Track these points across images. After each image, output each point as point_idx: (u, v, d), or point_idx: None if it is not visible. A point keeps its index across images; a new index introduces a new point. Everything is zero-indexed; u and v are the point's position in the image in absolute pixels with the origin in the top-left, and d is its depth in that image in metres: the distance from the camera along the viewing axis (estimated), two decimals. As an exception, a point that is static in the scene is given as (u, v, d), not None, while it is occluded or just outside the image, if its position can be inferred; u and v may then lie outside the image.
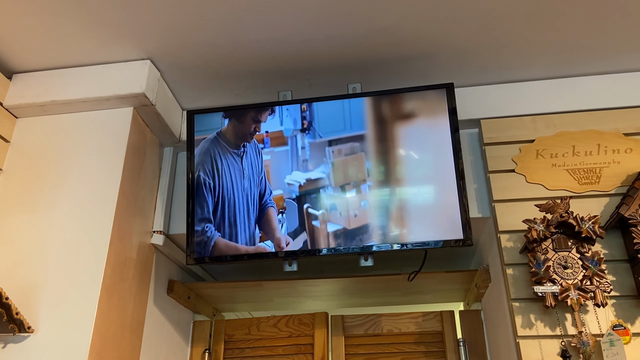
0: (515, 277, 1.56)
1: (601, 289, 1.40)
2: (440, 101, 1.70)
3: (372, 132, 1.70)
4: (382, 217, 1.63)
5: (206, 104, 1.96)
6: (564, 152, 1.70)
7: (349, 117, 1.73)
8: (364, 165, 1.68)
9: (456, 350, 1.95)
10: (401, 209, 1.63)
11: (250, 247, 1.66)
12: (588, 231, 1.44)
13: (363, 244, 1.62)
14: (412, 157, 1.67)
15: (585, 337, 1.37)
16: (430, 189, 1.64)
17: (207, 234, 1.68)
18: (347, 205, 1.66)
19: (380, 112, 1.72)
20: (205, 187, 1.72)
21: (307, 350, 1.99)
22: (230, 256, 1.65)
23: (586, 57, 1.74)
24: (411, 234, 1.61)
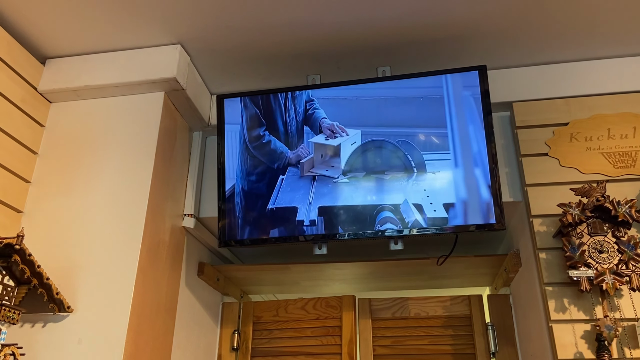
0: (548, 262, 1.54)
1: (637, 273, 1.39)
2: (472, 84, 1.68)
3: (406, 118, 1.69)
4: (415, 201, 1.63)
5: (235, 89, 1.97)
6: (598, 135, 1.67)
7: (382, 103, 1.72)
8: (397, 151, 1.67)
9: (484, 334, 1.94)
10: (433, 193, 1.62)
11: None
12: (625, 215, 1.42)
13: (395, 227, 1.62)
14: (445, 141, 1.66)
15: (610, 322, 1.36)
16: (462, 173, 1.63)
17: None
18: (379, 188, 1.66)
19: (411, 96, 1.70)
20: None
21: (335, 333, 2.01)
22: (257, 239, 1.66)
23: (621, 38, 1.70)
24: (443, 218, 1.61)
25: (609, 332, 1.35)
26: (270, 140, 1.76)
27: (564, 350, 1.43)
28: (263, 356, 2.05)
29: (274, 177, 1.72)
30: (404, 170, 1.66)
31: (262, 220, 1.69)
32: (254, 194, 1.71)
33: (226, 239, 1.68)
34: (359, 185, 1.67)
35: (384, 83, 1.73)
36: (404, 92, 1.71)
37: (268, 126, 1.77)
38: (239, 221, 1.70)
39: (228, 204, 1.72)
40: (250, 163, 1.75)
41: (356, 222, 1.63)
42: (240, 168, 1.75)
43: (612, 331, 1.36)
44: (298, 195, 1.68)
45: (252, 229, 1.69)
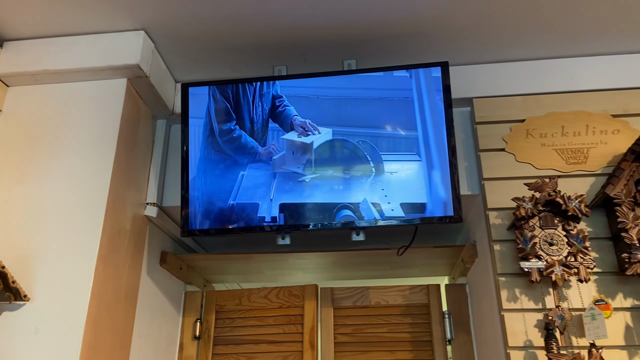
0: (502, 253, 1.61)
1: (585, 265, 1.46)
2: (434, 79, 1.72)
3: (366, 110, 1.72)
4: (374, 193, 1.66)
5: (201, 77, 1.95)
6: (553, 132, 1.74)
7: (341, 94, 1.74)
8: (357, 142, 1.70)
9: (441, 322, 2.01)
10: (393, 185, 1.66)
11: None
12: (574, 210, 1.49)
13: (355, 218, 1.66)
14: (405, 134, 1.69)
15: (561, 311, 1.43)
16: (422, 166, 1.67)
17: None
18: (339, 181, 1.69)
19: (374, 89, 1.73)
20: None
21: (297, 321, 2.04)
22: (222, 229, 1.67)
23: (577, 39, 1.76)
24: (402, 210, 1.65)
25: (561, 322, 1.42)
26: (240, 135, 1.76)
27: (514, 338, 1.50)
28: (225, 344, 2.06)
29: (236, 172, 1.72)
30: (363, 165, 1.69)
31: (224, 212, 1.69)
32: (216, 186, 1.72)
33: (189, 228, 1.68)
34: (319, 184, 1.69)
35: (351, 81, 1.75)
36: (369, 92, 1.74)
37: (237, 119, 1.77)
38: (201, 211, 1.70)
39: (191, 193, 1.72)
40: (214, 155, 1.75)
41: (316, 219, 1.66)
42: (204, 159, 1.75)
43: (563, 320, 1.43)
44: (259, 192, 1.69)
45: (213, 220, 1.69)
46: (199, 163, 1.74)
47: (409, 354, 1.99)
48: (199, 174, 1.74)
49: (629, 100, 1.74)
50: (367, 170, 1.69)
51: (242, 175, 1.72)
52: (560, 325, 1.43)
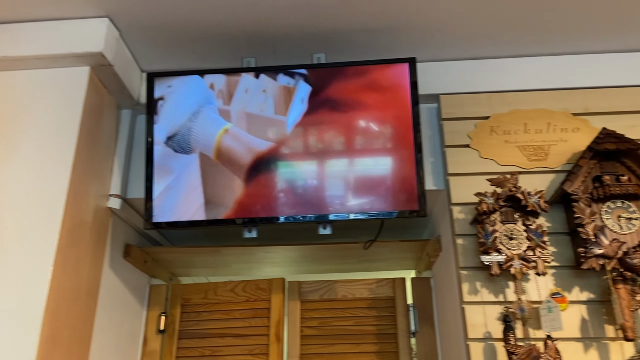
0: (465, 247, 1.64)
1: (542, 259, 1.50)
2: (402, 75, 1.74)
3: (333, 103, 1.72)
4: (340, 187, 1.67)
5: (168, 67, 1.92)
6: (516, 129, 1.78)
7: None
8: (324, 135, 1.70)
9: (406, 314, 2.04)
10: (359, 179, 1.67)
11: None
12: (534, 205, 1.52)
13: (321, 212, 1.66)
14: (372, 128, 1.70)
15: (523, 304, 1.47)
16: (388, 161, 1.68)
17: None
18: (306, 174, 1.69)
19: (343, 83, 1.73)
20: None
21: (264, 314, 2.04)
22: (187, 222, 1.65)
23: (540, 38, 1.80)
24: (368, 204, 1.66)
25: (522, 314, 1.45)
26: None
27: (473, 330, 1.53)
28: (190, 338, 2.04)
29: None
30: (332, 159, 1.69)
31: (191, 204, 1.67)
32: (182, 178, 1.69)
33: (152, 221, 1.66)
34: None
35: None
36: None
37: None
38: (166, 203, 1.68)
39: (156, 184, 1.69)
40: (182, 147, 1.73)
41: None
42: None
43: (525, 313, 1.47)
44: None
45: (179, 212, 1.67)
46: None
47: (374, 346, 2.01)
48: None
49: (589, 99, 1.79)
50: (336, 159, 1.69)
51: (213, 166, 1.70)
52: (522, 317, 1.47)
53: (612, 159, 1.57)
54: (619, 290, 1.41)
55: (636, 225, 1.49)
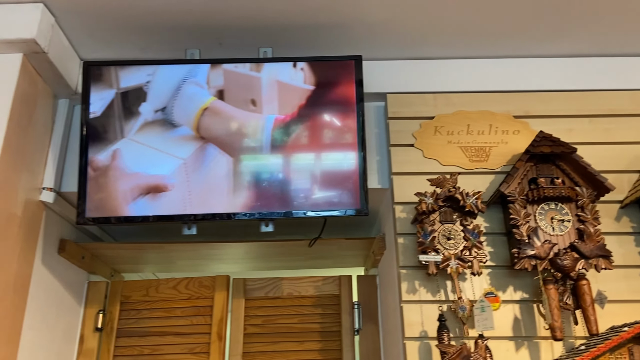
0: (405, 246, 1.65)
1: (478, 259, 1.52)
2: (348, 72, 1.73)
3: (278, 99, 1.70)
4: (283, 184, 1.65)
5: (109, 56, 1.85)
6: (459, 130, 1.79)
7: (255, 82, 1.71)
8: (268, 132, 1.68)
9: (351, 312, 2.04)
10: (302, 177, 1.65)
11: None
12: (471, 206, 1.54)
13: (263, 210, 1.64)
14: (316, 126, 1.69)
15: (463, 303, 1.49)
16: (332, 159, 1.67)
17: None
18: (248, 171, 1.66)
19: (289, 79, 1.71)
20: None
21: (206, 312, 2.01)
22: (124, 217, 1.60)
23: (485, 41, 1.82)
24: (311, 202, 1.65)
25: (462, 313, 1.47)
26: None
27: (410, 328, 1.54)
28: (129, 336, 1.99)
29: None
30: (276, 156, 1.67)
31: (127, 199, 1.62)
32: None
33: (85, 216, 1.60)
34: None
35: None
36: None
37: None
38: (101, 197, 1.62)
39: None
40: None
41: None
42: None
43: (465, 312, 1.49)
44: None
45: (115, 207, 1.62)
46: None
47: (318, 344, 2.00)
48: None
49: (530, 102, 1.82)
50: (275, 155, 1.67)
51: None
52: (463, 316, 1.49)
53: (548, 162, 1.61)
54: (549, 291, 1.44)
55: (568, 227, 1.53)
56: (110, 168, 1.64)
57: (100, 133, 1.67)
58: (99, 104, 1.70)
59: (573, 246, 1.49)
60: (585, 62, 1.87)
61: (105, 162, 1.65)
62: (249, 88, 1.70)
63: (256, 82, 1.71)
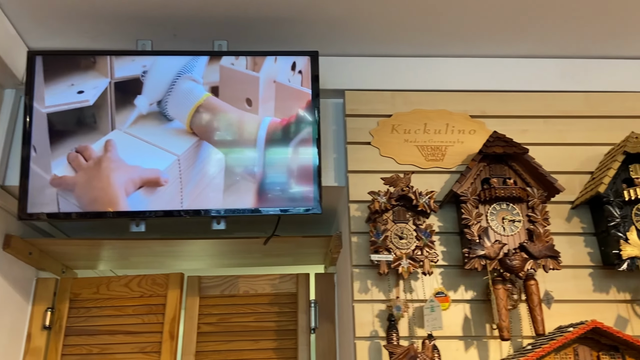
0: (359, 245, 1.63)
1: (429, 259, 1.51)
2: (304, 68, 1.70)
3: (228, 94, 1.66)
4: (235, 181, 1.62)
5: (58, 45, 1.78)
6: (416, 128, 1.79)
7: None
8: (221, 127, 1.64)
9: (307, 311, 2.02)
10: (255, 174, 1.62)
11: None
12: (424, 205, 1.54)
13: (214, 207, 1.60)
14: (269, 122, 1.66)
15: (399, 302, 1.48)
16: (285, 156, 1.64)
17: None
18: (199, 168, 1.62)
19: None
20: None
21: (159, 311, 1.96)
22: (67, 214, 1.54)
23: (443, 39, 1.82)
24: (264, 200, 1.62)
25: (397, 312, 1.46)
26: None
27: (361, 328, 1.53)
28: (78, 335, 1.93)
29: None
30: (229, 151, 1.64)
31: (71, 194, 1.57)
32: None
33: (27, 211, 1.53)
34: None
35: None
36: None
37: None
38: (44, 192, 1.56)
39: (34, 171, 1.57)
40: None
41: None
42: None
43: (400, 312, 1.48)
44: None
45: (58, 203, 1.56)
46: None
47: (273, 342, 1.98)
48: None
49: (487, 102, 1.83)
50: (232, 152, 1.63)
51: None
52: (397, 316, 1.48)
53: (501, 162, 1.61)
54: (497, 291, 1.44)
55: (519, 227, 1.54)
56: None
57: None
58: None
59: (522, 246, 1.50)
60: (541, 64, 1.89)
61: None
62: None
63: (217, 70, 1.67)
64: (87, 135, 1.66)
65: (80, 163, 1.63)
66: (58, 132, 1.64)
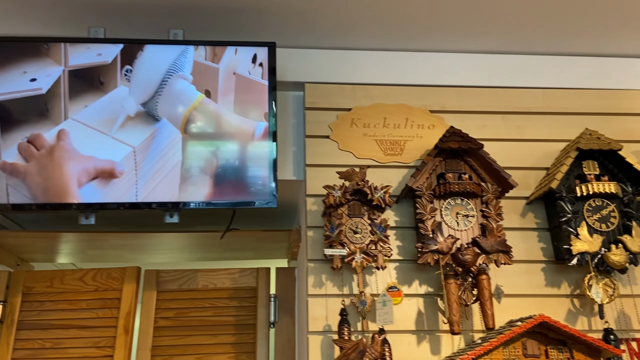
0: (314, 239, 1.62)
1: (383, 253, 1.51)
2: (265, 61, 1.67)
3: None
4: (191, 175, 1.59)
5: (8, 31, 1.72)
6: (376, 122, 1.78)
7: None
8: (175, 122, 1.61)
9: (267, 305, 2.00)
10: (211, 167, 1.60)
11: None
12: (379, 199, 1.53)
13: (168, 200, 1.57)
14: (227, 114, 1.63)
15: (364, 297, 1.48)
16: (241, 149, 1.62)
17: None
18: (155, 160, 1.59)
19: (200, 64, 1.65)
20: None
21: (114, 305, 1.92)
22: (13, 205, 1.50)
23: (404, 33, 1.81)
24: (219, 193, 1.59)
25: (363, 307, 1.46)
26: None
27: (315, 322, 1.52)
28: (31, 329, 1.88)
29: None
30: (182, 145, 1.61)
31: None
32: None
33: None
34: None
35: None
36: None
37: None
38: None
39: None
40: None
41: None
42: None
43: (365, 306, 1.47)
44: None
45: (7, 194, 1.51)
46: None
47: (232, 337, 1.96)
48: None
49: (447, 97, 1.83)
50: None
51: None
52: (363, 311, 1.47)
53: (457, 158, 1.61)
54: (449, 285, 1.45)
55: (472, 222, 1.55)
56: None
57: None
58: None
59: (475, 241, 1.50)
60: (501, 59, 1.89)
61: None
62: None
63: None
64: (40, 124, 1.61)
65: (32, 152, 1.58)
66: (9, 120, 1.59)
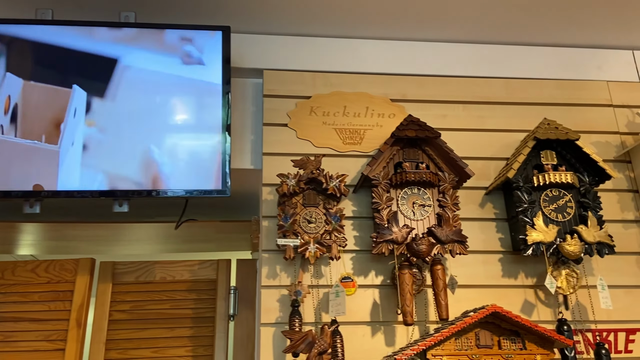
0: (269, 229, 1.59)
1: (337, 244, 1.48)
2: (216, 45, 1.62)
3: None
4: (140, 162, 1.54)
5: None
6: (335, 111, 1.74)
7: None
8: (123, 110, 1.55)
9: (227, 297, 1.96)
10: (162, 155, 1.55)
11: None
12: (334, 189, 1.50)
13: (115, 187, 1.52)
14: (178, 103, 1.58)
15: (299, 287, 1.45)
16: (194, 138, 1.58)
17: None
18: (105, 148, 1.53)
19: (146, 50, 1.59)
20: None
21: (66, 297, 1.86)
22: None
23: (365, 21, 1.78)
24: (170, 182, 1.54)
25: (297, 297, 1.43)
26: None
27: (267, 314, 1.49)
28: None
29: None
30: (133, 132, 1.55)
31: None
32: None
33: None
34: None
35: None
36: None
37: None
38: None
39: None
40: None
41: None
42: None
43: (300, 297, 1.44)
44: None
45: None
46: None
47: (190, 330, 1.91)
48: None
49: (407, 86, 1.80)
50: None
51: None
52: (297, 301, 1.44)
53: (415, 147, 1.58)
54: (403, 276, 1.42)
55: (429, 212, 1.52)
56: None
57: None
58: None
59: (430, 231, 1.48)
60: (463, 49, 1.87)
61: None
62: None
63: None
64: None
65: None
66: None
